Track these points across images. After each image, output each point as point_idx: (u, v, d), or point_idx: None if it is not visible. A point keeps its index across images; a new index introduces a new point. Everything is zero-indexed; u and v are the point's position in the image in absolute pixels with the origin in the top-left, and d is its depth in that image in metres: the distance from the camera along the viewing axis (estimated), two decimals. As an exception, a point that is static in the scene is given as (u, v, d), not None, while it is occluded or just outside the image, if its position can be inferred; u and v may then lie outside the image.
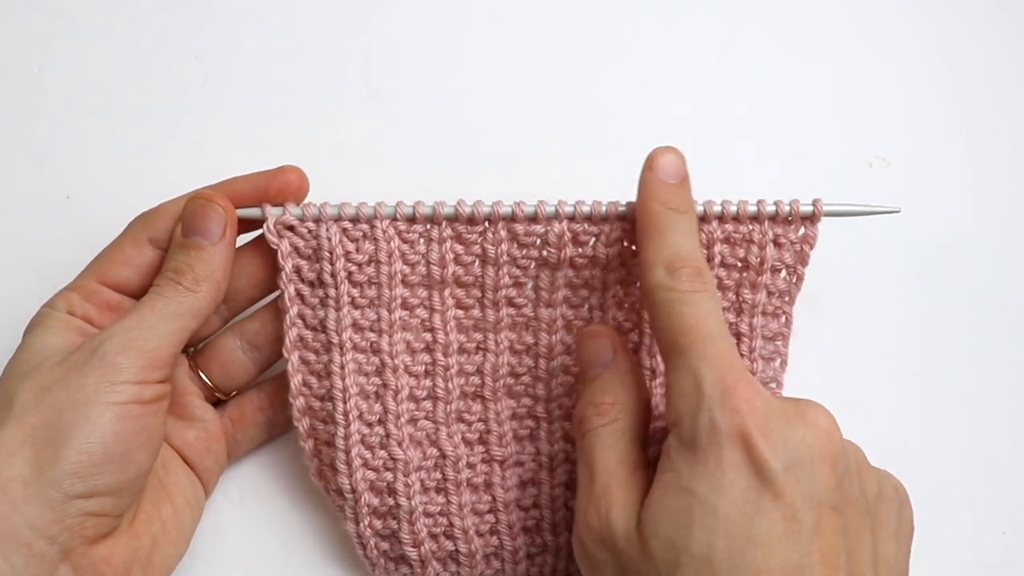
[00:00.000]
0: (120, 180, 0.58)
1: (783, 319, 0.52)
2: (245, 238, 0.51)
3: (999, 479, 0.55)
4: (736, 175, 0.59)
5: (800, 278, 0.51)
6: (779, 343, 0.52)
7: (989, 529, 0.54)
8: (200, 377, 0.51)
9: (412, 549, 0.50)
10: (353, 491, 0.50)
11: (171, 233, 0.48)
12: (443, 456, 0.51)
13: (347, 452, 0.50)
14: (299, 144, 0.59)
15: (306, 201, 0.50)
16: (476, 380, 0.51)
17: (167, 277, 0.47)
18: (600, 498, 0.43)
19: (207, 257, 0.47)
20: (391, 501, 0.50)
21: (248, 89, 0.60)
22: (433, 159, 0.59)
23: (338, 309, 0.50)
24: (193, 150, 0.59)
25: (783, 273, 0.51)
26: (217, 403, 0.52)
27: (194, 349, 0.52)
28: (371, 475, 0.50)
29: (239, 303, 0.52)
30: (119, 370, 0.44)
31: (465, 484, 0.51)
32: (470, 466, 0.51)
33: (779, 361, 0.52)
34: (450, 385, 0.51)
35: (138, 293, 0.48)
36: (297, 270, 0.50)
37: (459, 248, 0.50)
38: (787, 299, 0.51)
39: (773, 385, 0.52)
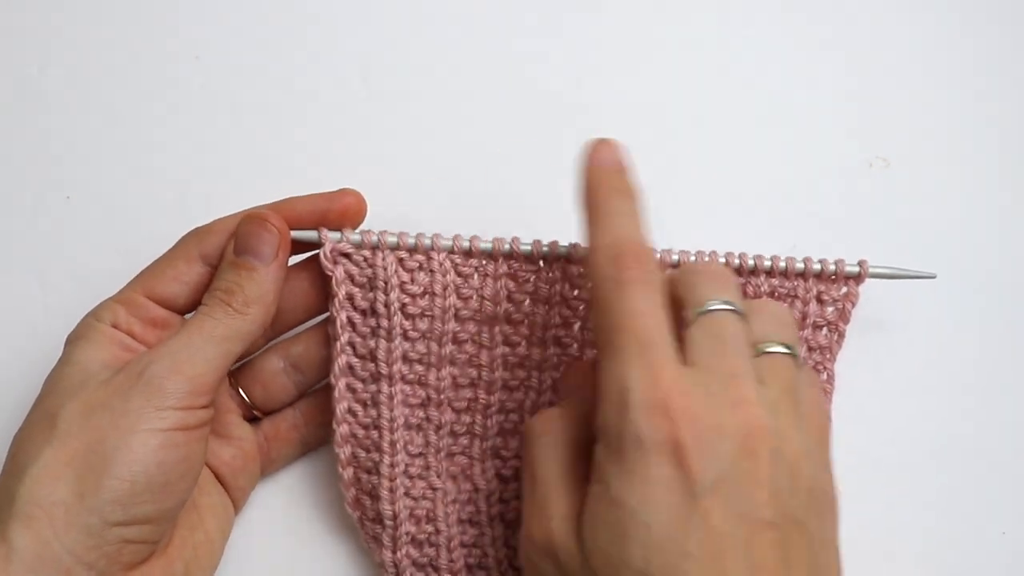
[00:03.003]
0: (120, 180, 0.58)
1: (824, 375, 0.52)
2: (295, 259, 0.50)
3: (999, 479, 0.55)
4: (736, 175, 0.60)
5: (841, 335, 0.51)
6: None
7: (989, 529, 0.54)
8: (240, 395, 0.51)
9: None
10: (394, 517, 0.50)
11: (222, 250, 0.47)
12: (476, 490, 0.51)
13: (391, 480, 0.50)
14: (299, 144, 0.59)
15: (362, 227, 0.50)
16: (515, 417, 0.51)
17: (216, 297, 0.46)
18: (542, 509, 0.42)
19: (258, 279, 0.46)
20: (430, 528, 0.50)
21: (248, 89, 0.60)
22: (434, 159, 0.59)
23: (390, 340, 0.49)
24: (193, 150, 0.59)
25: (824, 330, 0.51)
26: (251, 420, 0.52)
27: (235, 366, 0.51)
28: (411, 503, 0.50)
29: (284, 324, 0.51)
30: (165, 396, 0.43)
31: (498, 518, 0.51)
32: (503, 501, 0.51)
33: None
34: (488, 423, 0.51)
35: (185, 309, 0.48)
36: (350, 297, 0.49)
37: (512, 285, 0.50)
38: (828, 355, 0.52)
39: None
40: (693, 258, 0.50)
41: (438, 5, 0.62)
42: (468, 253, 0.49)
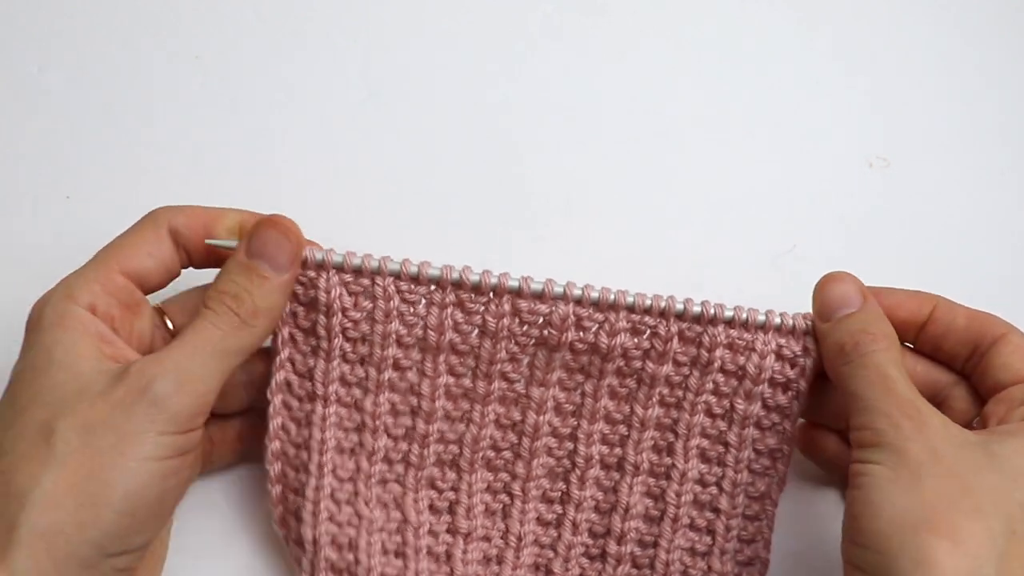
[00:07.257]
0: (120, 180, 0.58)
1: (783, 435, 0.49)
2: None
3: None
4: (735, 175, 0.60)
5: (801, 394, 0.49)
6: (778, 460, 0.49)
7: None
8: None
9: None
10: (314, 542, 0.48)
11: (194, 232, 0.45)
12: (405, 521, 0.50)
13: (315, 504, 0.48)
14: (298, 145, 0.59)
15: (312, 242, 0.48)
16: (455, 449, 0.50)
17: (224, 304, 0.43)
18: (912, 400, 0.43)
19: (270, 289, 0.44)
20: (350, 557, 0.48)
21: (248, 89, 0.60)
22: (433, 160, 0.59)
23: (328, 361, 0.48)
24: (193, 150, 0.59)
25: (782, 389, 0.49)
26: None
27: None
28: (334, 529, 0.48)
29: None
30: (169, 418, 0.41)
31: (424, 551, 0.50)
32: (432, 534, 0.50)
33: (776, 479, 0.50)
34: (425, 452, 0.50)
35: (151, 288, 0.46)
36: (294, 314, 0.48)
37: (459, 316, 0.48)
38: (787, 415, 0.49)
39: (767, 502, 0.50)
40: (650, 302, 0.47)
41: (437, 5, 0.62)
42: (416, 279, 0.47)
